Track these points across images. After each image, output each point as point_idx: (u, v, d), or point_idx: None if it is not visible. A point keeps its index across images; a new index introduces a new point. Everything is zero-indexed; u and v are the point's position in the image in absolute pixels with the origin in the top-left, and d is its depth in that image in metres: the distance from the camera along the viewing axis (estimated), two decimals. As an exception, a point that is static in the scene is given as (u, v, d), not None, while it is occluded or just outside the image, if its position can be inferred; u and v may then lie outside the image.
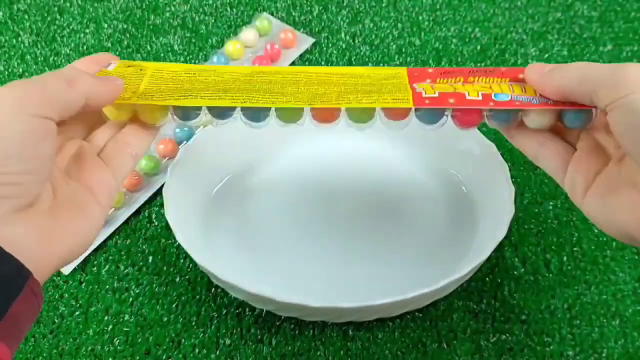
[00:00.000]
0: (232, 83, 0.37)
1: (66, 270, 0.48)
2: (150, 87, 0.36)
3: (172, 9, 0.69)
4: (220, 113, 0.36)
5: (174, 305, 0.47)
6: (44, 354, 0.44)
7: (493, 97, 0.35)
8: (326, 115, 0.36)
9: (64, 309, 0.46)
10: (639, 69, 0.30)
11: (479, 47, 0.64)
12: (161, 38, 0.66)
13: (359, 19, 0.68)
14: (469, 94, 0.35)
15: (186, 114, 0.36)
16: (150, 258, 0.49)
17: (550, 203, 0.52)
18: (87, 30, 0.67)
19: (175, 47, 0.65)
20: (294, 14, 0.68)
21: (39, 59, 0.64)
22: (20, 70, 0.63)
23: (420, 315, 0.46)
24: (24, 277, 0.27)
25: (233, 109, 0.36)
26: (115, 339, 0.45)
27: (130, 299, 0.47)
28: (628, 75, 0.30)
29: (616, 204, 0.32)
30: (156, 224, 0.51)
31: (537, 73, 0.34)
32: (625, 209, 0.32)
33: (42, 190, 0.29)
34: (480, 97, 0.35)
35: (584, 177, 0.34)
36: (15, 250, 0.27)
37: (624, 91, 0.30)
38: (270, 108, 0.35)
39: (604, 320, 0.45)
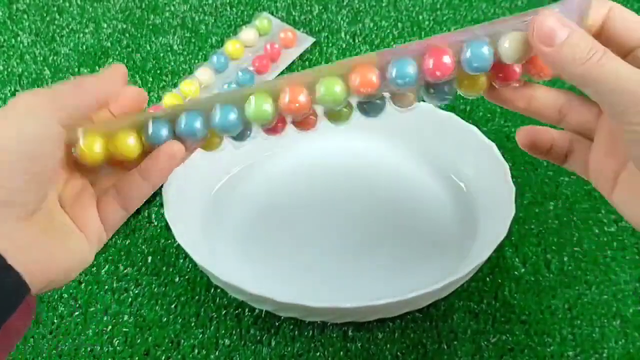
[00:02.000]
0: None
1: (65, 270, 0.48)
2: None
3: (172, 8, 0.69)
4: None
5: (173, 306, 0.46)
6: (44, 355, 0.44)
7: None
8: (304, 123, 0.35)
9: (63, 309, 0.46)
10: None
11: (479, 47, 0.64)
12: (161, 38, 0.66)
13: (359, 18, 0.67)
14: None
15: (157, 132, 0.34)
16: (150, 258, 0.49)
17: (551, 203, 0.52)
18: (87, 30, 0.67)
19: (175, 47, 0.65)
20: (294, 13, 0.68)
21: (38, 58, 0.64)
22: (20, 70, 0.63)
23: (421, 315, 0.46)
24: (23, 292, 0.27)
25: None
26: (115, 339, 0.45)
27: (130, 300, 0.47)
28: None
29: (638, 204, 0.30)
30: (156, 224, 0.51)
31: (547, 43, 0.29)
32: None
33: (43, 200, 0.29)
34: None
35: (606, 174, 0.32)
36: (16, 259, 0.27)
37: (636, 119, 0.27)
38: (250, 124, 0.34)
39: (605, 321, 0.45)
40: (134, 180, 0.34)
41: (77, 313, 0.46)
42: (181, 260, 0.49)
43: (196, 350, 0.44)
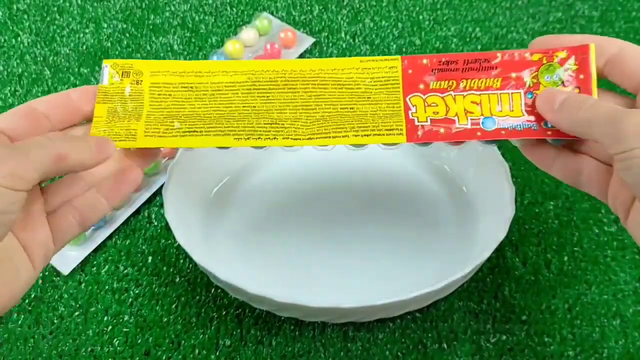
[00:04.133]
0: (231, 103, 0.37)
1: (65, 270, 0.48)
2: (152, 114, 0.37)
3: (172, 8, 0.69)
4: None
5: (173, 306, 0.47)
6: (44, 355, 0.44)
7: (481, 124, 0.36)
8: None
9: (63, 309, 0.46)
10: (637, 121, 0.29)
11: (479, 47, 0.64)
12: (161, 38, 0.66)
13: (359, 18, 0.67)
14: (458, 120, 0.36)
15: None
16: (150, 258, 0.49)
17: (551, 203, 0.52)
18: (87, 30, 0.67)
19: (175, 47, 0.65)
20: (294, 13, 0.68)
21: (39, 58, 0.64)
22: (20, 70, 0.63)
23: (421, 315, 0.46)
24: None
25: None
26: (115, 339, 0.45)
27: (130, 300, 0.47)
28: (627, 129, 0.29)
29: None
30: (156, 224, 0.51)
31: (548, 109, 0.34)
32: None
33: None
34: (469, 125, 0.36)
35: (623, 201, 0.33)
36: None
37: (623, 147, 0.29)
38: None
39: (605, 321, 0.45)
40: (96, 200, 0.34)
41: (77, 313, 0.46)
42: (181, 261, 0.49)
43: (197, 351, 0.44)
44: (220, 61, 0.38)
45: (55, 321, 0.46)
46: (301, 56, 0.64)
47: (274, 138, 0.36)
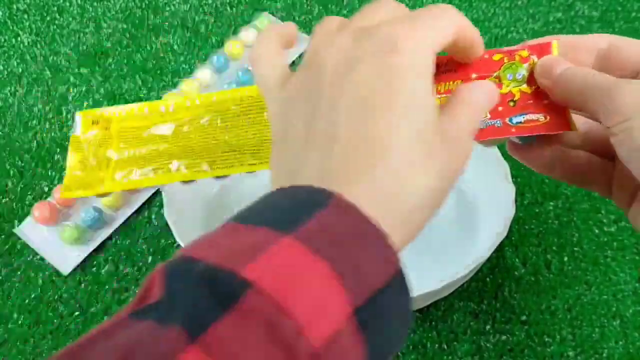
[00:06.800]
0: (197, 135, 0.38)
1: (65, 270, 0.48)
2: (122, 159, 0.38)
3: (172, 8, 0.69)
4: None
5: (173, 306, 0.46)
6: (44, 355, 0.44)
7: None
8: None
9: (63, 309, 0.46)
10: (634, 90, 0.28)
11: (479, 47, 0.64)
12: (161, 38, 0.66)
13: (359, 18, 0.67)
14: None
15: None
16: (150, 258, 0.49)
17: (551, 203, 0.52)
18: (87, 30, 0.67)
19: (175, 47, 0.65)
20: (294, 13, 0.68)
21: (39, 58, 0.64)
22: (20, 70, 0.63)
23: (421, 315, 0.46)
24: (327, 195, 0.25)
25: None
26: (115, 339, 0.45)
27: (130, 299, 0.47)
28: (624, 99, 0.28)
29: None
30: (156, 224, 0.51)
31: (546, 78, 0.33)
32: None
33: None
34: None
35: (627, 192, 0.33)
36: None
37: (618, 118, 0.28)
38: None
39: (605, 321, 0.45)
40: None
41: (77, 313, 0.46)
42: (181, 261, 0.49)
43: (196, 350, 0.44)
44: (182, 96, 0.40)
45: (55, 321, 0.46)
46: (301, 56, 0.64)
47: (231, 166, 0.37)
